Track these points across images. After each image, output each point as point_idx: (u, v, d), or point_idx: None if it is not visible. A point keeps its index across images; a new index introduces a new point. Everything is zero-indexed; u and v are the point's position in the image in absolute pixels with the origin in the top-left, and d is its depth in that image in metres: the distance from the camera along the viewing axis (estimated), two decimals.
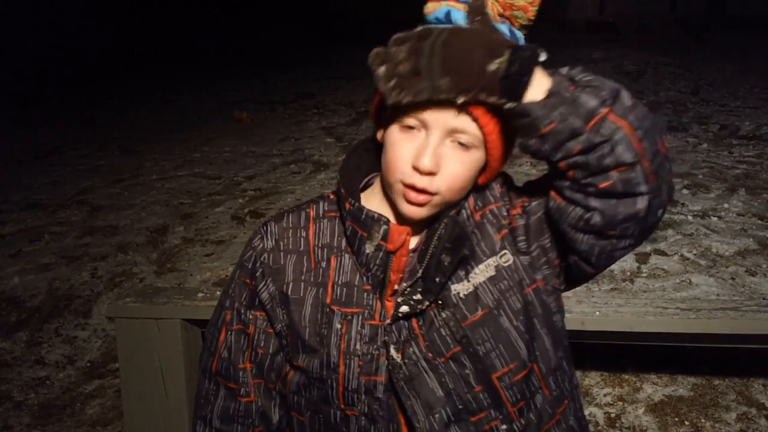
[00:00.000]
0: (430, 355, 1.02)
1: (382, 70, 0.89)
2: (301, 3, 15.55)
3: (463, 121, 0.92)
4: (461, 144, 0.95)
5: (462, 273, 1.05)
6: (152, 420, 2.59)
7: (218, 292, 2.71)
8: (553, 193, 0.97)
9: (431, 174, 0.95)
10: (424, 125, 0.94)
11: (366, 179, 1.16)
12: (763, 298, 2.39)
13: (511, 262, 1.06)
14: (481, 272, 1.05)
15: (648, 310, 2.34)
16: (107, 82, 11.31)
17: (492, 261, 1.06)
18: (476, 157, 0.97)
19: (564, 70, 0.91)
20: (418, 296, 1.01)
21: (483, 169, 1.03)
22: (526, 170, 5.39)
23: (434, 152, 0.94)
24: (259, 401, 1.16)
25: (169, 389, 2.56)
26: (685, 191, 4.75)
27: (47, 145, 7.60)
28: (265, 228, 1.14)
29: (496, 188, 1.10)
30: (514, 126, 0.93)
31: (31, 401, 3.21)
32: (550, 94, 0.87)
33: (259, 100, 9.17)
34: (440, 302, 1.03)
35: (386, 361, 1.03)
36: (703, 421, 2.68)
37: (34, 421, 3.08)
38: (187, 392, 2.58)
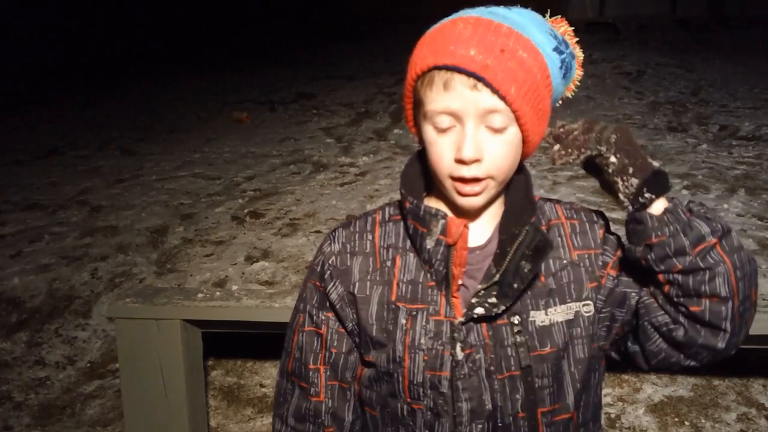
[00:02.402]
0: (492, 368, 1.05)
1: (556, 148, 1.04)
2: (301, 3, 15.56)
3: (493, 101, 0.94)
4: (496, 129, 0.96)
5: (542, 303, 1.06)
6: (152, 420, 2.59)
7: (218, 292, 2.71)
8: (650, 290, 1.04)
9: (477, 161, 0.97)
10: (457, 118, 0.96)
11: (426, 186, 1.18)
12: (763, 299, 2.39)
13: (591, 314, 1.08)
14: (562, 312, 1.07)
15: None
16: (107, 82, 11.31)
17: (575, 306, 1.07)
18: (513, 134, 0.98)
19: (683, 199, 1.00)
20: (493, 300, 1.03)
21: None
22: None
23: (474, 140, 0.95)
24: (330, 402, 1.19)
25: (168, 389, 2.56)
26: (684, 192, 4.75)
27: (47, 145, 7.61)
28: (333, 234, 1.18)
29: (599, 233, 1.11)
30: (627, 231, 1.01)
31: (32, 401, 3.21)
32: (667, 212, 0.96)
33: (259, 100, 9.18)
34: (516, 322, 1.05)
35: (450, 357, 1.05)
36: (703, 421, 2.68)
37: (35, 421, 3.08)
38: (186, 392, 2.58)
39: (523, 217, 1.05)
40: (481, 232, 1.09)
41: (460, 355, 1.04)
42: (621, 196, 1.00)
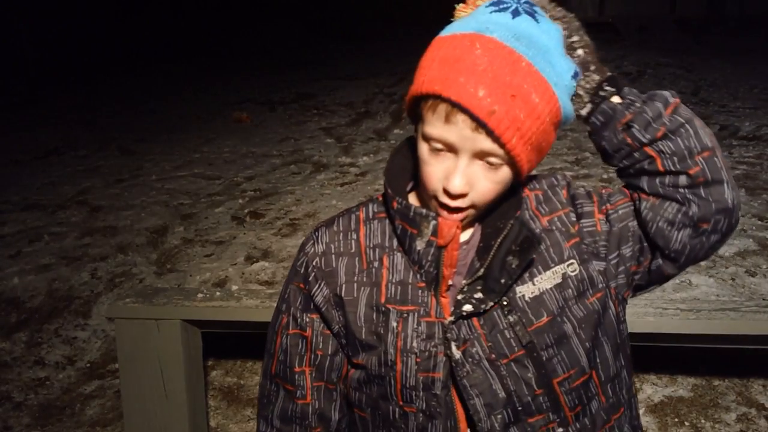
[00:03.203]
0: (493, 356, 1.03)
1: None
2: (301, 3, 15.56)
3: (492, 146, 0.92)
4: (489, 166, 0.95)
5: (526, 275, 1.05)
6: (152, 420, 2.59)
7: (218, 293, 2.71)
8: (644, 195, 1.04)
9: (463, 196, 0.96)
10: (453, 149, 0.94)
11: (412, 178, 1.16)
12: (763, 299, 2.39)
13: (577, 271, 1.07)
14: (548, 279, 1.06)
15: (648, 311, 2.34)
16: (107, 82, 11.31)
17: (559, 269, 1.06)
18: (505, 172, 0.96)
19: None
20: (480, 295, 1.02)
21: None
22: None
23: (464, 174, 0.94)
24: (317, 403, 1.17)
25: (168, 389, 2.56)
26: None
27: (47, 145, 7.61)
28: (316, 233, 1.15)
29: (562, 193, 1.11)
30: (594, 128, 1.03)
31: (31, 402, 3.21)
32: (626, 95, 1.02)
33: (259, 100, 9.18)
34: (505, 304, 1.04)
35: (444, 358, 1.04)
36: (702, 421, 2.68)
37: (34, 421, 3.08)
38: (186, 392, 2.58)
39: (509, 211, 1.04)
40: (465, 226, 1.07)
41: (457, 354, 1.03)
42: (581, 91, 1.02)
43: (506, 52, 0.90)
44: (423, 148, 0.98)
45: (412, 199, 1.11)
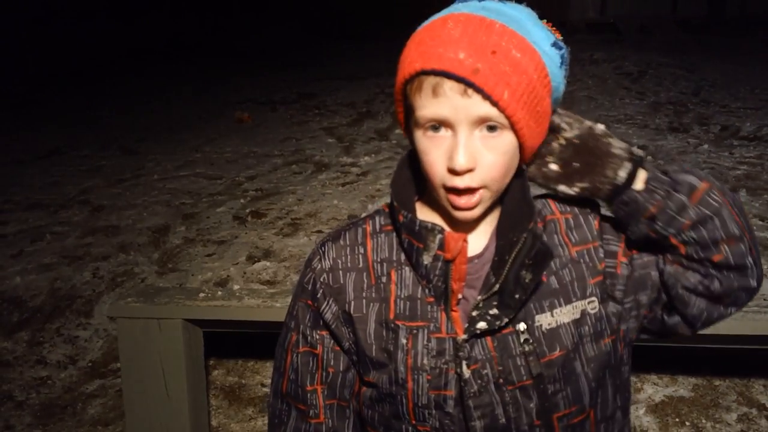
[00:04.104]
0: (501, 380, 1.00)
1: None
2: (302, 3, 15.56)
3: (485, 107, 0.89)
4: (490, 129, 0.91)
5: (546, 304, 1.02)
6: (153, 420, 2.60)
7: (219, 292, 2.72)
8: (669, 259, 1.02)
9: (470, 170, 0.92)
10: (449, 125, 0.91)
11: (418, 191, 1.12)
12: (764, 299, 2.39)
13: (597, 310, 1.04)
14: (568, 312, 1.02)
15: None
16: (109, 82, 11.32)
17: (580, 304, 1.03)
18: (509, 141, 0.93)
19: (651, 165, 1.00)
20: (495, 311, 0.98)
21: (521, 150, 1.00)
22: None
23: (467, 149, 0.90)
24: (330, 422, 1.14)
25: (170, 389, 2.57)
26: None
27: (49, 145, 7.62)
28: (322, 248, 1.11)
29: (594, 223, 1.06)
30: (619, 217, 1.01)
31: (33, 401, 3.22)
32: (649, 181, 0.97)
33: (261, 100, 9.19)
34: (522, 330, 1.00)
35: (455, 376, 1.01)
36: (703, 421, 2.68)
37: (36, 420, 3.09)
38: (187, 392, 2.59)
39: (522, 222, 1.00)
40: (478, 239, 1.04)
41: (467, 373, 1.00)
42: (615, 151, 0.98)
43: (478, 20, 0.90)
44: (420, 138, 0.94)
45: (419, 207, 1.08)
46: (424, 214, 1.06)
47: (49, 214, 5.26)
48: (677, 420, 2.70)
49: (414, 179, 1.07)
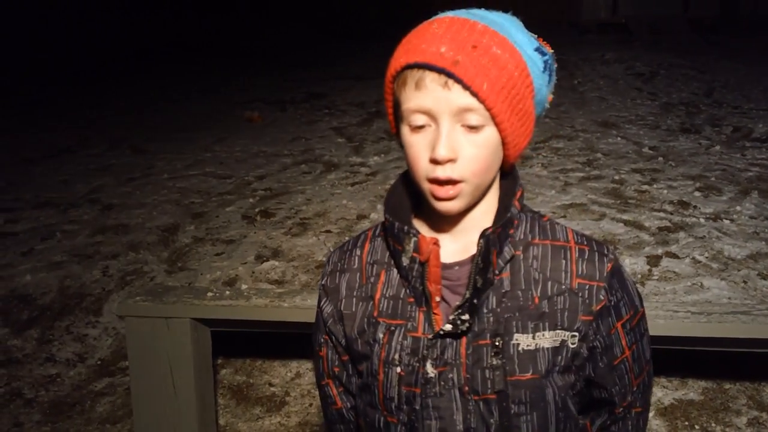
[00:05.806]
0: (467, 388, 1.02)
1: None
2: (310, 3, 15.58)
3: (465, 98, 0.91)
4: (471, 127, 0.94)
5: (531, 325, 1.03)
6: (161, 418, 2.61)
7: (227, 291, 2.72)
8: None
9: (451, 161, 0.94)
10: (432, 117, 0.94)
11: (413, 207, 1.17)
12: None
13: (576, 346, 1.05)
14: (549, 338, 1.03)
15: (658, 313, 2.33)
16: (118, 82, 11.37)
17: (563, 334, 1.04)
18: (490, 135, 0.95)
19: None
20: (467, 316, 1.01)
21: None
22: (537, 171, 5.38)
23: (448, 139, 0.93)
24: (348, 404, 1.25)
25: (178, 387, 2.58)
26: (697, 194, 4.72)
27: (59, 144, 7.65)
28: (330, 255, 1.21)
29: (607, 266, 1.07)
30: None
31: (42, 398, 3.24)
32: None
33: (270, 100, 9.20)
34: (497, 344, 1.02)
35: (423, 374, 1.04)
36: (713, 425, 2.66)
37: (45, 418, 3.10)
38: (195, 391, 2.59)
39: (506, 230, 1.03)
40: (466, 246, 1.05)
41: (431, 372, 1.03)
42: None
43: (461, 20, 0.95)
44: (406, 134, 0.97)
45: (416, 222, 1.11)
46: (421, 223, 1.10)
47: (59, 213, 5.29)
48: (687, 423, 2.68)
49: (409, 195, 1.11)
